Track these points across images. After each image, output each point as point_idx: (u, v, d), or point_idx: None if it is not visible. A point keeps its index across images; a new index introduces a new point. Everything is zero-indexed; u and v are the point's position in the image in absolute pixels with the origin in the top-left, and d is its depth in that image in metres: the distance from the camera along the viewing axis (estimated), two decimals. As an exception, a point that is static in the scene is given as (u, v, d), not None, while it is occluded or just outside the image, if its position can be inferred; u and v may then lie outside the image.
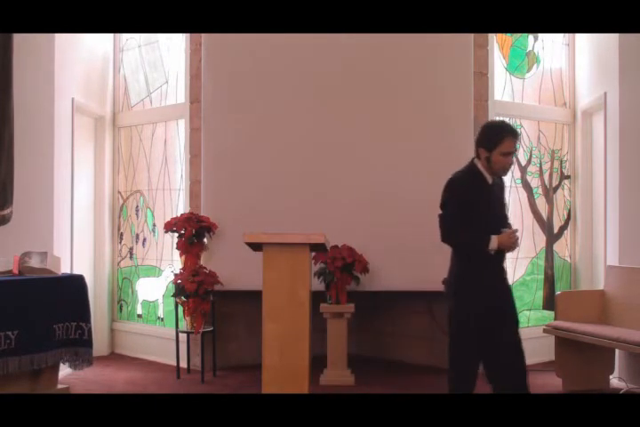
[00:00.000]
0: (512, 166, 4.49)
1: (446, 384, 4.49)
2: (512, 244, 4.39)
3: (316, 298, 5.73)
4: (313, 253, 5.84)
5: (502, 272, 4.52)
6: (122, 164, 7.71)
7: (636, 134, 6.19)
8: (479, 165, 4.43)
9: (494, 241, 4.32)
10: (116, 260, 7.71)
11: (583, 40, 7.32)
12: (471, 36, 6.65)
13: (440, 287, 6.25)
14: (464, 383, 4.40)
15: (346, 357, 6.30)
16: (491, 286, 4.40)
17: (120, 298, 7.71)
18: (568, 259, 7.47)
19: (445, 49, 6.61)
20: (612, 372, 6.14)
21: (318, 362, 6.01)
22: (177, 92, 7.27)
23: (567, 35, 7.49)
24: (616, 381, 6.04)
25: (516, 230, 4.46)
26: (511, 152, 4.35)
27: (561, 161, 7.48)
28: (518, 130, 7.14)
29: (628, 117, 6.27)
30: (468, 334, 4.39)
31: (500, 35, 7.17)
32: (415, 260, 6.45)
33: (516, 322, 4.48)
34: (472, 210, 4.34)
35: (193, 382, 6.33)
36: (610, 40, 6.48)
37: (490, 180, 4.42)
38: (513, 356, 4.40)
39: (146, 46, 7.52)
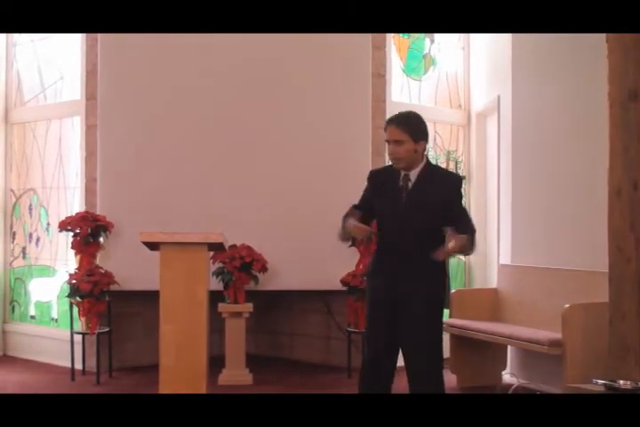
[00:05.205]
0: (399, 156, 4.03)
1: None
2: (357, 234, 4.08)
3: (214, 298, 5.70)
4: (211, 253, 5.81)
5: (394, 281, 4.09)
6: (14, 161, 7.51)
7: (527, 136, 6.34)
8: None
9: (349, 223, 4.03)
10: (9, 260, 7.50)
11: (478, 44, 7.48)
12: (369, 37, 6.71)
13: (338, 286, 6.36)
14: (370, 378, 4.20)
15: (244, 356, 6.29)
16: (373, 300, 4.19)
17: (12, 299, 7.51)
18: (462, 258, 7.62)
19: (344, 50, 6.64)
20: (504, 368, 6.30)
21: (216, 362, 5.98)
22: (72, 89, 7.11)
23: (463, 38, 7.65)
24: (508, 376, 6.18)
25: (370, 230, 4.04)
26: (387, 140, 4.12)
27: (456, 162, 7.63)
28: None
29: (519, 120, 6.43)
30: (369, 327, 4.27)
31: (397, 37, 7.27)
32: (313, 259, 6.48)
33: (417, 347, 4.06)
34: (372, 199, 4.19)
35: (88, 384, 6.20)
36: (503, 44, 6.63)
37: (401, 173, 4.09)
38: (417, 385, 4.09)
39: (39, 41, 7.34)
